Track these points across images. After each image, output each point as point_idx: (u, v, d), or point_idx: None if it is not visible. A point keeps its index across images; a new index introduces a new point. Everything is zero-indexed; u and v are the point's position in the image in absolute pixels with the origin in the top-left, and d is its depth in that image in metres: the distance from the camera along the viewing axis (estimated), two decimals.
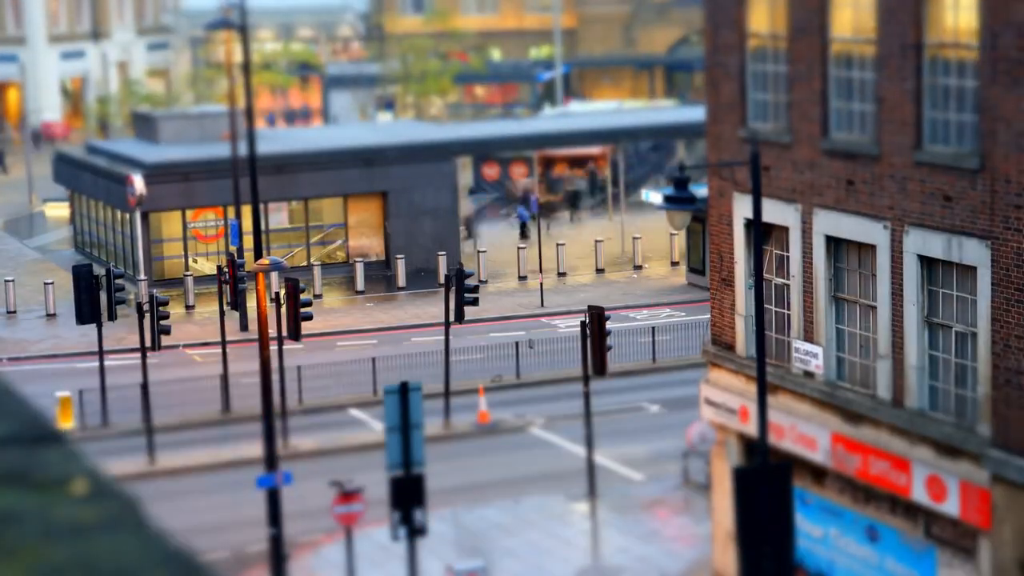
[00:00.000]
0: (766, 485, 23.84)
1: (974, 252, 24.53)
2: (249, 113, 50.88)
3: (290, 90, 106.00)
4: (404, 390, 29.10)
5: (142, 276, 58.63)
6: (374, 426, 42.93)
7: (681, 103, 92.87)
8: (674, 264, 62.38)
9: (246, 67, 50.16)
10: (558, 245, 61.81)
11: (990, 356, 24.39)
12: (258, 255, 49.73)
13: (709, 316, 31.27)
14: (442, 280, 53.25)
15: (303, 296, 40.93)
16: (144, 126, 67.87)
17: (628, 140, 72.09)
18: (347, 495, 30.95)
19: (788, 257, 28.54)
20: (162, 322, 42.46)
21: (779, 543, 23.79)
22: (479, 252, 61.70)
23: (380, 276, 61.82)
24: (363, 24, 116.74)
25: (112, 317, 44.17)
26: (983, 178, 24.26)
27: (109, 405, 44.17)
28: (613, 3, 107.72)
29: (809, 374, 28.25)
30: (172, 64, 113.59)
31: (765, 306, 28.15)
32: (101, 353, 44.16)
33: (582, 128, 70.97)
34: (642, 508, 37.02)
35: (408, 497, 28.71)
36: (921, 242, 25.57)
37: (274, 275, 51.63)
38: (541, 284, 57.08)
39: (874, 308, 26.84)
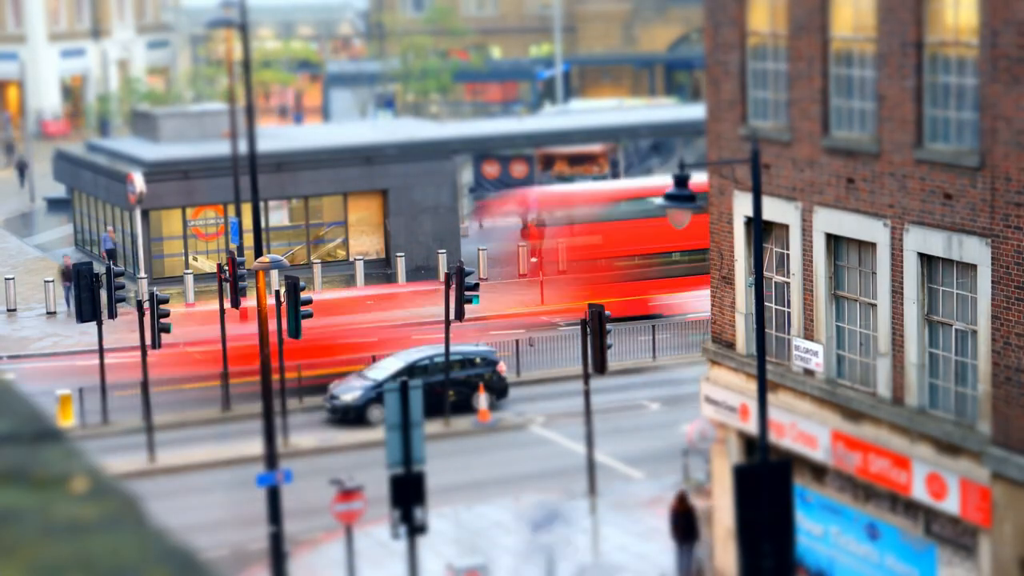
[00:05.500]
0: (766, 483, 23.83)
1: (974, 250, 24.53)
2: (250, 111, 50.86)
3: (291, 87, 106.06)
4: (404, 388, 29.10)
5: (142, 274, 58.63)
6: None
7: (681, 101, 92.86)
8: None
9: (246, 65, 50.15)
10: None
11: (990, 354, 24.40)
12: (258, 253, 49.73)
13: (709, 314, 31.28)
14: (442, 278, 53.26)
15: (303, 294, 40.93)
16: (144, 124, 67.87)
17: (628, 138, 72.05)
18: (347, 493, 30.95)
19: (788, 255, 28.54)
20: (162, 320, 42.45)
21: (779, 541, 23.78)
22: (479, 250, 61.69)
23: (380, 274, 61.83)
24: (363, 22, 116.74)
25: (112, 315, 44.16)
26: (983, 176, 24.27)
27: (109, 403, 44.17)
28: (613, 1, 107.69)
29: (809, 372, 28.26)
30: (172, 62, 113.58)
31: (765, 304, 28.15)
32: (101, 351, 44.15)
33: (582, 126, 70.93)
34: (642, 506, 37.02)
35: (408, 495, 28.71)
36: (921, 240, 25.57)
37: (274, 273, 51.65)
38: (541, 282, 57.06)
39: (874, 306, 26.85)
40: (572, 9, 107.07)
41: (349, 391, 43.89)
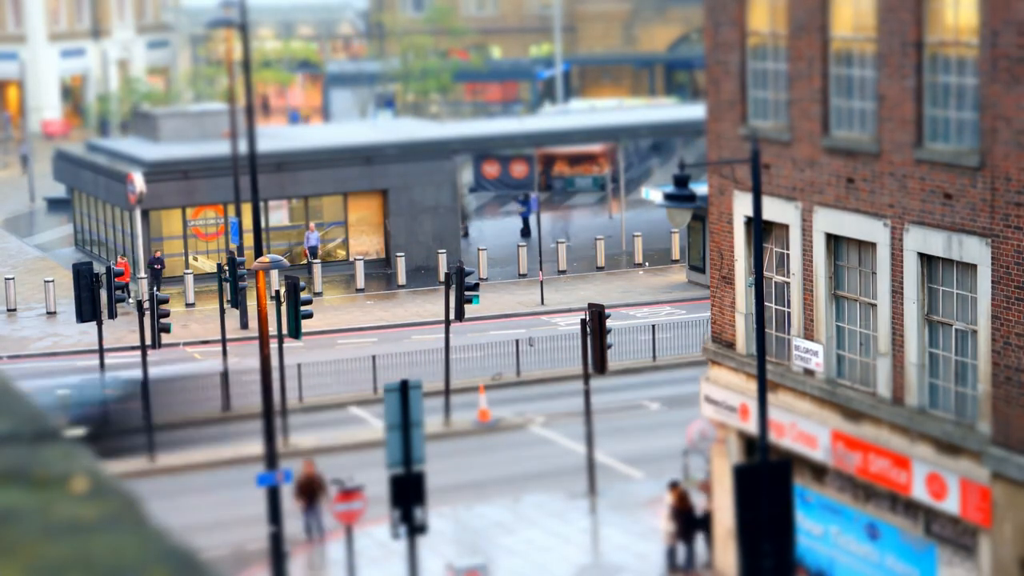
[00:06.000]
0: (766, 483, 23.83)
1: (974, 250, 24.53)
2: (249, 111, 50.85)
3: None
4: (404, 388, 29.09)
5: (142, 274, 58.64)
6: (374, 424, 42.92)
7: (681, 101, 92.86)
8: (674, 262, 62.44)
9: (246, 65, 50.16)
10: (558, 242, 61.78)
11: (990, 354, 24.40)
12: (258, 253, 49.74)
13: (709, 314, 31.28)
14: (442, 278, 53.26)
15: (303, 294, 40.92)
16: (144, 124, 67.89)
17: (628, 138, 72.00)
18: (347, 493, 30.95)
19: (788, 255, 28.54)
20: (162, 320, 42.44)
21: (779, 541, 23.78)
22: (479, 250, 61.69)
23: (380, 274, 61.83)
24: (363, 22, 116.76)
25: (112, 315, 44.16)
26: (983, 176, 24.27)
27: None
28: (613, 1, 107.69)
29: (809, 372, 28.25)
30: (172, 62, 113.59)
31: (765, 304, 28.15)
32: (101, 351, 44.14)
33: (582, 126, 70.90)
34: (642, 506, 37.01)
35: (408, 495, 28.70)
36: (921, 240, 25.57)
37: (274, 273, 51.65)
38: (541, 282, 57.07)
39: (874, 306, 26.84)
40: (572, 9, 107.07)
41: None
